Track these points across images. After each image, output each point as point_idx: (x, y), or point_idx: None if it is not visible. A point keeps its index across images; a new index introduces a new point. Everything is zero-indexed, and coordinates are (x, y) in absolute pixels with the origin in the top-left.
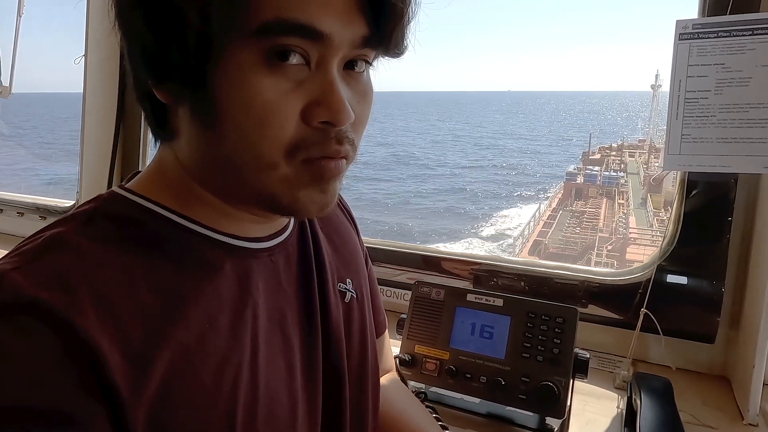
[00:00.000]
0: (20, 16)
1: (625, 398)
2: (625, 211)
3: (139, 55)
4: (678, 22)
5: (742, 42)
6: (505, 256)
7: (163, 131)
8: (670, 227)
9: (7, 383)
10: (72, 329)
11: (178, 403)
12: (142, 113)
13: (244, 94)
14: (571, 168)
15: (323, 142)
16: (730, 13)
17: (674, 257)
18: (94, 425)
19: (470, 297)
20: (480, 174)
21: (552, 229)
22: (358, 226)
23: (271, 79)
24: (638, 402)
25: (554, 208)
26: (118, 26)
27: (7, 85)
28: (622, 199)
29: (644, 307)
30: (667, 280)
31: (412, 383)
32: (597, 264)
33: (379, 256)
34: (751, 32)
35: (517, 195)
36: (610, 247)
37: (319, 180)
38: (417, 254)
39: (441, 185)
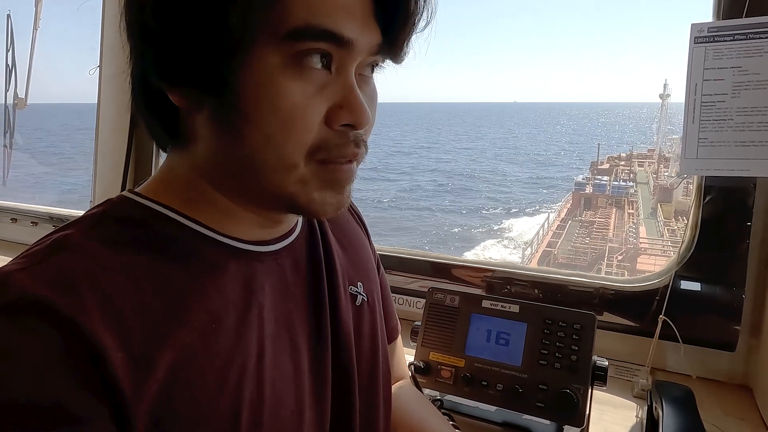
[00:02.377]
0: (36, 30)
1: (644, 407)
2: (635, 221)
3: (152, 59)
4: (693, 25)
5: (759, 45)
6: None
7: (174, 139)
8: (688, 233)
9: (11, 381)
10: (76, 328)
11: (180, 403)
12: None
13: (271, 97)
14: (579, 178)
15: (342, 145)
16: (746, 16)
17: (692, 263)
18: (96, 423)
19: (485, 303)
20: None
21: (561, 239)
22: (370, 232)
23: (298, 82)
24: (660, 411)
25: (563, 218)
26: (128, 31)
27: (23, 96)
28: (632, 208)
29: (662, 314)
30: (685, 287)
31: (427, 391)
32: (607, 274)
33: (391, 263)
34: None
35: None
36: (620, 258)
37: (333, 184)
38: (429, 261)
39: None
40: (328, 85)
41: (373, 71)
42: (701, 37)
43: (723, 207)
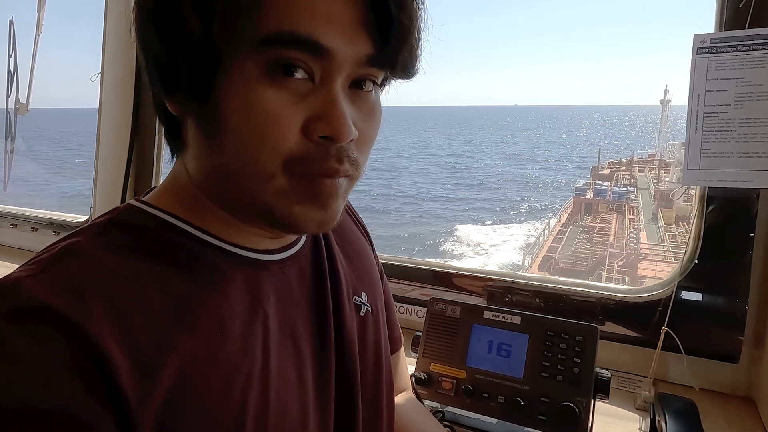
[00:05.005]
0: (38, 35)
1: (647, 419)
2: (636, 227)
3: (153, 68)
4: (696, 36)
5: (762, 56)
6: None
7: (176, 143)
8: (690, 243)
9: (18, 385)
10: (83, 334)
11: (186, 410)
12: (156, 130)
13: (245, 105)
14: (580, 183)
15: (322, 159)
16: (748, 27)
17: (695, 274)
18: (100, 429)
19: (487, 314)
20: None
21: (562, 244)
22: (373, 241)
23: (273, 91)
24: (663, 424)
25: (564, 224)
26: (137, 40)
27: (25, 102)
28: (633, 214)
29: (665, 325)
30: (688, 298)
31: (428, 402)
32: (608, 279)
33: (391, 271)
34: None
35: None
36: (621, 263)
37: (315, 197)
38: (430, 270)
39: None
40: (310, 95)
41: (377, 86)
42: (704, 48)
43: (726, 217)
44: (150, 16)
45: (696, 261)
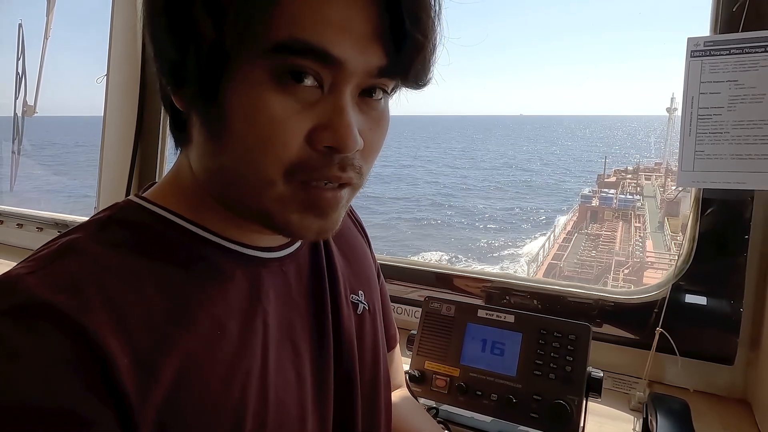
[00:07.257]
0: (47, 39)
1: (641, 420)
2: (642, 235)
3: (161, 60)
4: (689, 39)
5: (755, 59)
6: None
7: (180, 136)
8: (686, 245)
9: (19, 383)
10: (83, 332)
11: (185, 408)
12: (160, 132)
13: (251, 110)
14: (585, 191)
15: (324, 167)
16: (742, 30)
17: (690, 276)
18: (101, 427)
19: (481, 313)
20: None
21: (567, 252)
22: (371, 240)
23: (280, 97)
24: (654, 424)
25: (569, 231)
26: (146, 31)
27: (32, 104)
28: (639, 222)
29: (660, 326)
30: (683, 300)
31: (422, 400)
32: (614, 287)
33: (391, 273)
34: (763, 49)
35: None
36: (626, 271)
37: (314, 207)
38: (428, 271)
39: None
40: (318, 103)
41: (387, 94)
42: (697, 51)
43: (721, 220)
44: (161, 10)
45: (691, 263)
